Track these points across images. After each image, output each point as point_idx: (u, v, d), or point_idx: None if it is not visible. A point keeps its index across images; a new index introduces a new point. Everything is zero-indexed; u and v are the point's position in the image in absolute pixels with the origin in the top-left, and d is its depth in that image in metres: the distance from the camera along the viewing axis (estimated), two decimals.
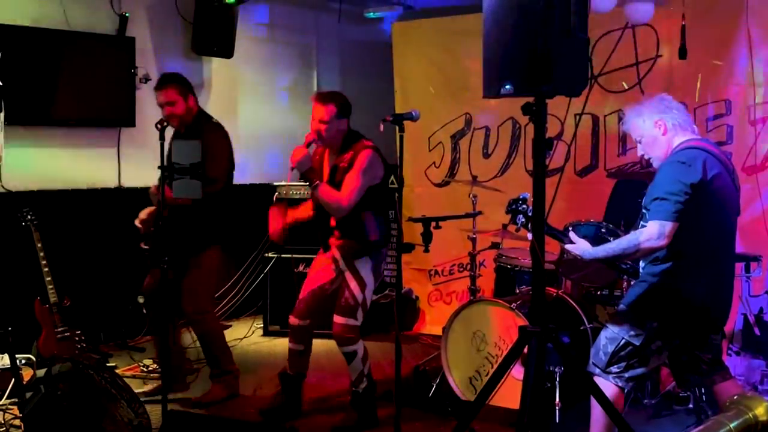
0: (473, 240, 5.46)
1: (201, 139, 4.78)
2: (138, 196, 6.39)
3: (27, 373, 5.03)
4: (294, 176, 4.84)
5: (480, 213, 5.36)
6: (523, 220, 3.84)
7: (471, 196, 5.49)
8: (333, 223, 4.65)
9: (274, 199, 6.75)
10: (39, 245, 5.42)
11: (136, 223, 5.09)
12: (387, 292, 6.99)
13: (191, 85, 5.08)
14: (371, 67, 8.05)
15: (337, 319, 4.56)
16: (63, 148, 6.25)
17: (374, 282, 4.65)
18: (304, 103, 8.66)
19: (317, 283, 4.71)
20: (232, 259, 7.38)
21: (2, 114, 5.60)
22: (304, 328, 4.72)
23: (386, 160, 4.67)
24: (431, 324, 6.82)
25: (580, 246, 3.82)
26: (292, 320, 4.74)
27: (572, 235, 3.87)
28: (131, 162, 6.61)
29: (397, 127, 4.03)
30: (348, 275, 4.58)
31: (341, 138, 4.58)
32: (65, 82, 6.06)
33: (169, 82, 5.00)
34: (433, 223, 4.51)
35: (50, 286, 5.40)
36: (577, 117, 6.05)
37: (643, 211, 3.66)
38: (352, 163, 4.47)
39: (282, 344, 5.71)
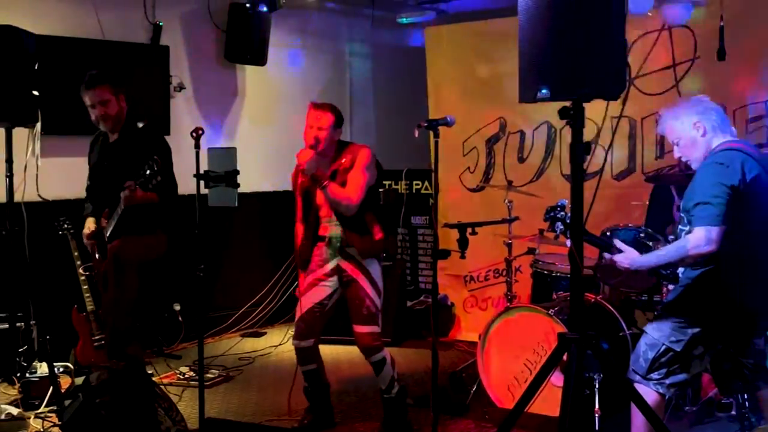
0: (509, 245, 5.42)
1: (151, 142, 4.91)
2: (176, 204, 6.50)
3: (65, 381, 5.10)
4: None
5: (517, 218, 5.34)
6: (562, 227, 3.81)
7: (506, 201, 5.45)
8: (329, 232, 4.60)
9: None
10: (76, 254, 5.47)
11: (86, 243, 5.14)
12: (422, 298, 6.98)
13: (122, 83, 5.04)
14: (404, 72, 8.06)
15: (361, 329, 4.51)
16: None
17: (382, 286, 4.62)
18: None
19: (314, 300, 4.59)
20: (266, 267, 7.44)
21: (39, 124, 5.67)
22: (310, 348, 4.63)
23: (382, 165, 4.68)
24: (467, 330, 6.80)
25: (628, 256, 3.75)
26: (296, 343, 4.61)
27: (619, 243, 3.80)
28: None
29: (431, 133, 4.03)
30: (362, 281, 4.52)
31: (334, 148, 4.57)
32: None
33: (101, 80, 4.95)
34: (469, 229, 4.49)
35: (87, 295, 5.44)
36: (614, 120, 6.01)
37: (681, 215, 3.63)
38: (354, 162, 4.47)
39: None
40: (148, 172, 4.45)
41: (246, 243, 7.36)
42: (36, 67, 4.62)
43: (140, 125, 4.98)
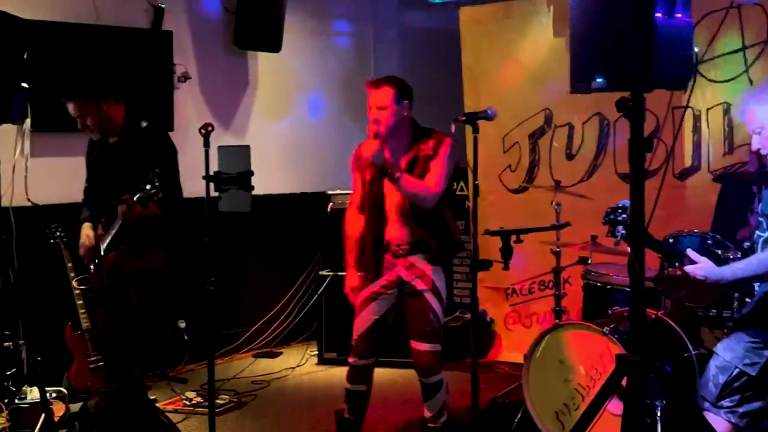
0: (557, 254, 5.41)
1: (155, 145, 4.90)
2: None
3: (58, 408, 5.12)
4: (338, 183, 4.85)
5: (568, 224, 5.31)
6: (623, 232, 3.77)
7: (553, 203, 5.44)
8: (394, 235, 4.61)
9: (329, 209, 6.79)
10: (69, 265, 5.51)
11: (81, 254, 5.12)
12: (458, 314, 6.97)
13: (103, 90, 4.99)
14: (436, 58, 8.03)
15: (422, 346, 4.52)
16: None
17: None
18: (361, 100, 8.78)
19: (374, 315, 4.62)
20: (282, 278, 7.46)
21: (28, 120, 5.72)
22: (368, 366, 4.66)
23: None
24: (509, 350, 6.79)
25: (703, 267, 3.67)
26: (354, 360, 4.64)
27: (692, 253, 3.73)
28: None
29: (470, 128, 4.02)
30: (427, 293, 4.54)
31: (409, 127, 4.56)
32: (96, 83, 6.13)
33: (74, 93, 4.93)
34: (513, 237, 4.47)
35: (82, 311, 5.48)
36: (677, 111, 5.96)
37: (760, 219, 3.59)
38: (437, 150, 4.46)
39: (340, 374, 5.72)
40: (148, 187, 4.44)
41: (259, 251, 7.39)
42: (25, 57, 4.65)
43: (144, 125, 4.98)
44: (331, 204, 6.81)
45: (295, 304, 7.44)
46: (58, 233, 5.61)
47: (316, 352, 6.91)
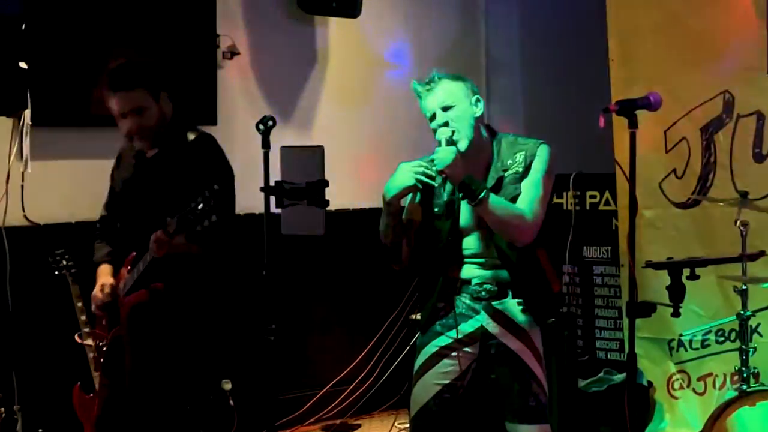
0: (743, 293, 5.33)
1: (206, 163, 4.89)
2: None
3: None
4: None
5: (763, 254, 5.25)
6: None
7: (737, 223, 5.38)
8: (468, 272, 4.59)
9: None
10: (79, 305, 5.59)
11: (94, 310, 5.14)
12: (602, 374, 6.91)
13: (165, 76, 5.06)
14: (569, 22, 8.02)
15: (526, 429, 4.50)
16: (109, 158, 6.44)
17: None
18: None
19: (441, 379, 4.57)
20: (361, 324, 7.50)
21: (28, 111, 5.82)
22: None
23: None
24: (674, 426, 6.71)
25: None
26: None
27: None
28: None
29: (620, 121, 4.02)
30: (527, 355, 4.51)
31: (484, 138, 4.57)
32: (111, 61, 6.26)
33: (134, 80, 4.90)
34: (687, 271, 4.43)
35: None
36: None
37: None
38: (529, 163, 4.46)
39: None
40: (201, 206, 4.32)
41: (331, 288, 7.45)
42: (23, 30, 4.74)
43: (191, 137, 4.96)
44: None
45: (379, 358, 7.48)
46: (64, 262, 5.70)
47: (407, 425, 6.91)
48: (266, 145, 4.15)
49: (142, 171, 5.01)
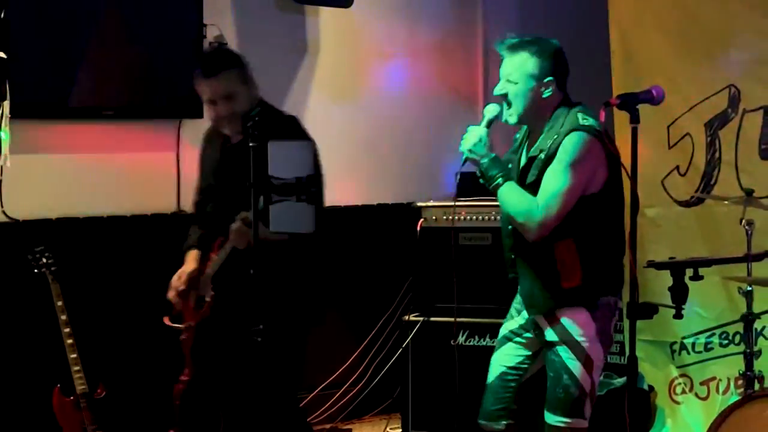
0: (748, 294, 5.31)
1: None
2: None
3: None
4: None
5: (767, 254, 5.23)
6: None
7: (743, 223, 5.37)
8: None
9: (419, 228, 6.77)
10: (60, 304, 5.58)
11: (170, 296, 5.21)
12: (602, 378, 6.88)
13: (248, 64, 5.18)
14: (569, 12, 8.01)
15: (553, 419, 4.59)
16: (93, 152, 6.47)
17: (604, 352, 4.65)
18: (462, 72, 8.79)
19: (507, 362, 4.77)
20: (353, 326, 7.47)
21: (7, 103, 5.79)
22: None
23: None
24: (676, 431, 6.71)
25: None
26: (484, 425, 4.78)
27: None
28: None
29: (621, 115, 4.00)
30: (565, 348, 4.57)
31: (548, 116, 4.56)
32: (97, 53, 6.28)
33: (227, 62, 5.09)
34: (690, 271, 4.40)
35: (76, 367, 5.55)
36: None
37: None
38: (554, 149, 4.46)
39: None
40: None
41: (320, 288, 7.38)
42: (1, 19, 4.72)
43: (285, 114, 5.23)
44: (422, 221, 6.78)
45: (371, 361, 7.47)
46: (44, 260, 5.67)
47: (400, 429, 6.89)
48: (254, 138, 4.11)
49: (229, 157, 5.14)
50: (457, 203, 6.39)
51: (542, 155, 4.49)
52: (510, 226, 4.66)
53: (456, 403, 5.38)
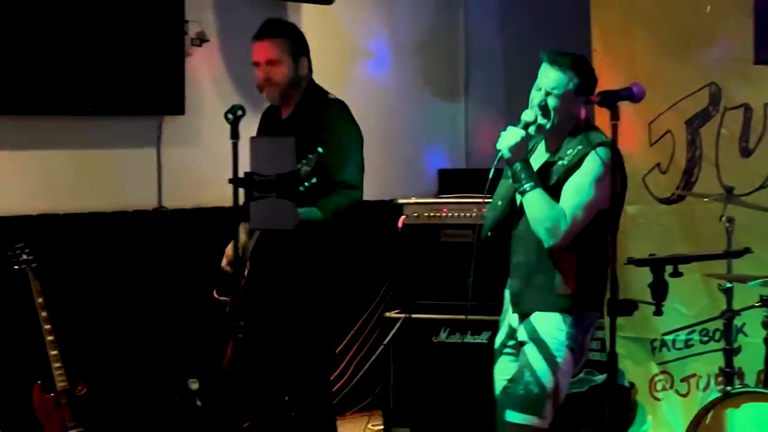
0: (728, 292, 5.34)
1: (320, 123, 5.14)
2: (190, 223, 6.54)
3: None
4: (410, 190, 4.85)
5: (747, 251, 5.27)
6: None
7: (723, 220, 5.39)
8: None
9: (400, 224, 6.78)
10: (40, 300, 5.55)
11: (224, 265, 5.25)
12: (582, 375, 6.91)
13: (307, 43, 5.36)
14: (551, 10, 8.01)
15: (509, 416, 4.59)
16: (73, 149, 6.45)
17: (573, 361, 4.64)
18: (444, 70, 8.81)
19: (504, 375, 4.78)
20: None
21: None
22: None
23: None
24: (657, 428, 6.72)
25: None
26: None
27: None
28: (178, 170, 6.75)
29: (603, 112, 4.01)
30: (528, 343, 4.60)
31: (566, 132, 4.61)
32: (76, 47, 6.24)
33: (274, 31, 5.29)
34: (670, 268, 4.43)
35: (57, 364, 5.53)
36: None
37: None
38: (578, 160, 4.51)
39: None
40: (303, 168, 4.48)
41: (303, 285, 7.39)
42: None
43: (331, 97, 5.45)
44: (403, 218, 6.78)
45: (352, 358, 7.44)
46: (25, 256, 5.64)
47: (381, 426, 6.90)
48: (235, 135, 4.14)
49: (277, 132, 5.29)
50: (440, 200, 6.45)
51: (563, 162, 4.53)
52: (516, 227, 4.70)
53: (437, 399, 5.39)
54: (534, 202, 4.46)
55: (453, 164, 8.13)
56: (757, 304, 5.37)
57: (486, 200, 4.94)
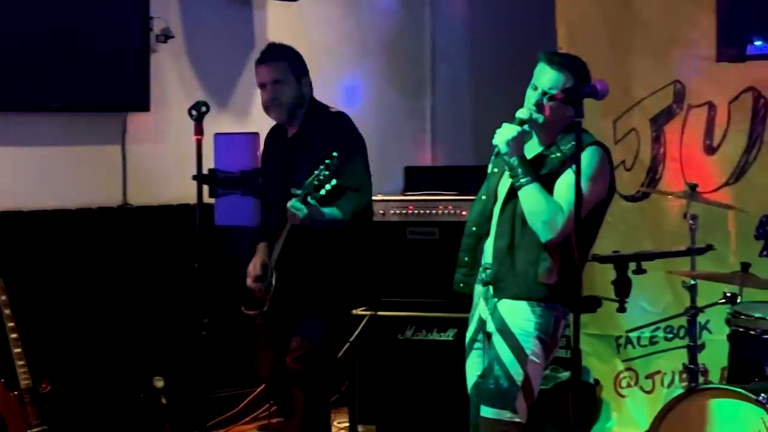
0: (692, 289, 5.37)
1: (327, 135, 5.28)
2: (155, 220, 6.53)
3: None
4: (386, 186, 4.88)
5: (710, 247, 5.29)
6: None
7: (687, 216, 5.42)
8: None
9: None
10: (3, 298, 5.53)
11: (249, 284, 5.46)
12: (548, 371, 6.93)
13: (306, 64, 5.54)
14: (517, 8, 8.04)
15: (483, 411, 4.62)
16: (37, 145, 6.43)
17: (544, 353, 4.66)
18: (410, 68, 8.82)
19: (475, 371, 4.82)
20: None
21: None
22: None
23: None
24: (622, 425, 6.77)
25: None
26: None
27: None
28: (144, 167, 6.73)
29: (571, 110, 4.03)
30: (496, 335, 4.62)
31: (558, 131, 4.65)
32: (40, 43, 6.23)
33: (277, 54, 5.52)
34: (633, 265, 4.46)
35: (20, 362, 5.51)
36: None
37: None
38: (571, 154, 4.49)
39: None
40: (324, 174, 4.86)
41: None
42: None
43: (333, 110, 5.59)
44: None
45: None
46: None
47: (347, 424, 6.90)
48: (199, 131, 4.14)
49: (282, 150, 5.44)
50: (406, 197, 6.47)
51: (557, 155, 4.58)
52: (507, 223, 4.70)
53: (403, 397, 5.41)
54: (531, 196, 4.49)
55: (419, 162, 8.15)
56: (720, 301, 5.44)
57: (451, 197, 4.98)
